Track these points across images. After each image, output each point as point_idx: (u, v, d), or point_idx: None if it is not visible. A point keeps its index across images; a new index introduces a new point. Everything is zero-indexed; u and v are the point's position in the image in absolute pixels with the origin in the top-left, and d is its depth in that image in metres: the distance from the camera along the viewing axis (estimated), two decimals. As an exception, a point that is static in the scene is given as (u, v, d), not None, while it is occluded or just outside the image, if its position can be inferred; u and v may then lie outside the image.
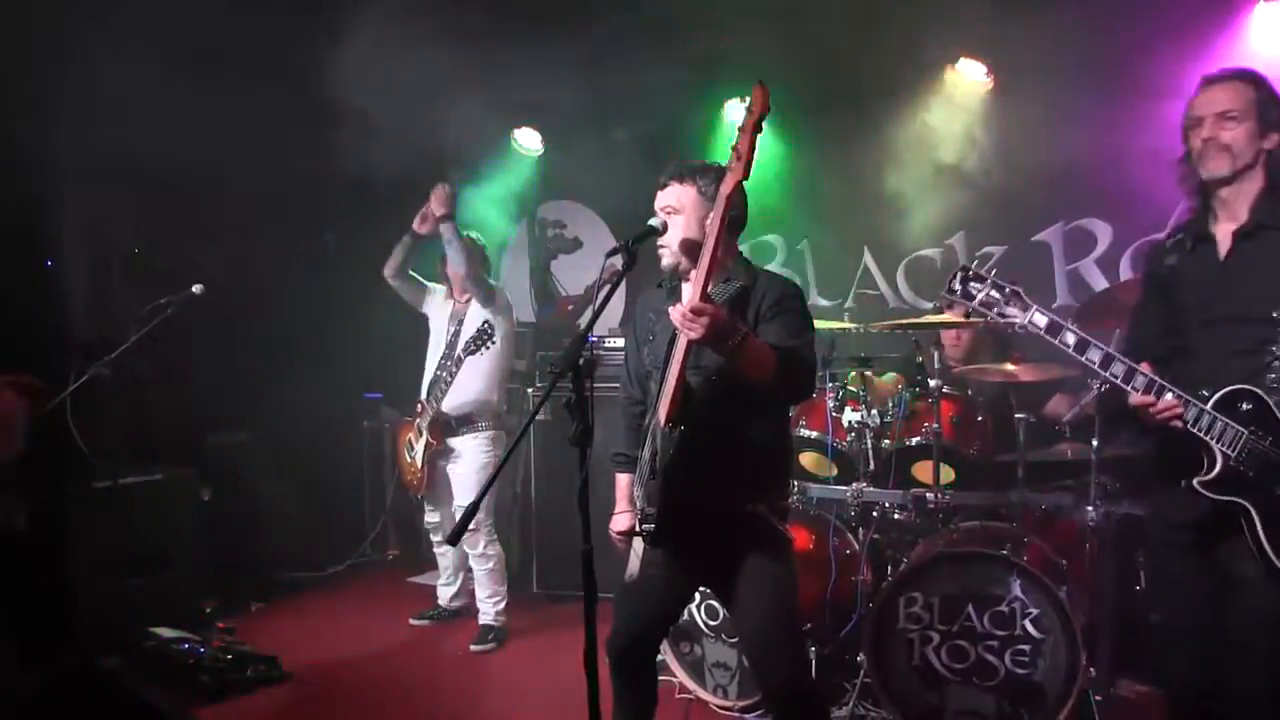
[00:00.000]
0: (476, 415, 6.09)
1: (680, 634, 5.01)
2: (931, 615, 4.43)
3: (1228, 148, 3.24)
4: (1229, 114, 3.24)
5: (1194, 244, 3.36)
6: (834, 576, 4.88)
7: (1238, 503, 3.15)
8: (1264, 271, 3.19)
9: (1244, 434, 3.12)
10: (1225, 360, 3.21)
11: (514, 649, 6.06)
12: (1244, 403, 3.14)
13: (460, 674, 5.67)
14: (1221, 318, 3.25)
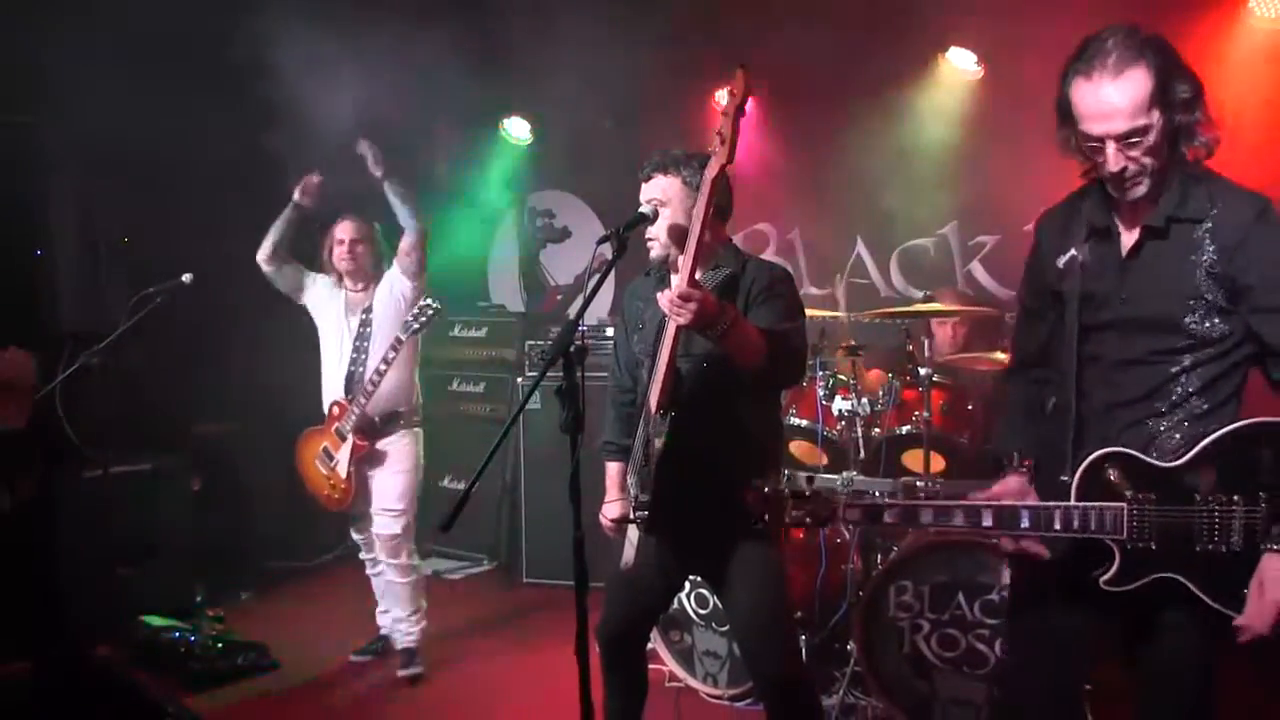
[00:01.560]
0: (402, 411, 5.43)
1: (670, 622, 5.02)
2: (922, 604, 4.44)
3: (1141, 172, 2.64)
4: (1133, 134, 2.59)
5: (1089, 235, 2.84)
6: (824, 565, 4.89)
7: (1165, 579, 2.62)
8: (1172, 271, 2.66)
9: (1123, 510, 2.63)
10: (1119, 373, 2.74)
11: (504, 638, 6.06)
12: (1111, 470, 2.66)
13: (451, 662, 5.67)
14: (1121, 322, 2.75)
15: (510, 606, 6.59)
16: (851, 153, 6.73)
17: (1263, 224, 2.59)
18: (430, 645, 5.67)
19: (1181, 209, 2.66)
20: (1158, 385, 2.69)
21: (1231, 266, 2.59)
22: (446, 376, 7.92)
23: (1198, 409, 2.67)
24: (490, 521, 7.32)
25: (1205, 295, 2.61)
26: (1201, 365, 2.66)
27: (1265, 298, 2.57)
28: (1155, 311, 2.68)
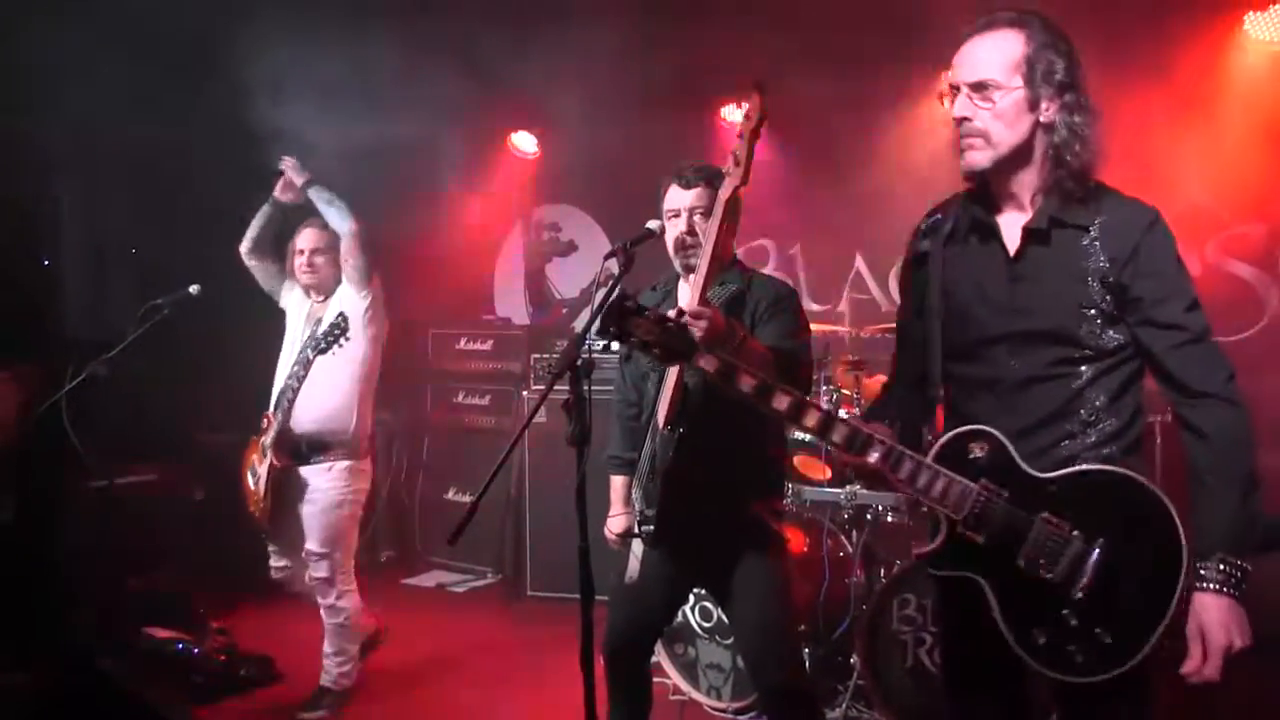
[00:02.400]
0: (330, 439, 4.95)
1: (674, 635, 5.03)
2: (925, 617, 4.46)
3: (983, 134, 2.55)
4: (986, 85, 2.53)
5: (969, 232, 2.70)
6: (827, 579, 4.90)
7: (968, 578, 2.55)
8: (1063, 279, 2.54)
9: (972, 489, 2.53)
10: (1018, 394, 2.59)
11: (509, 651, 6.07)
12: (977, 448, 2.57)
13: (454, 674, 5.68)
14: (1014, 335, 2.59)
15: (514, 619, 6.60)
16: (851, 168, 6.77)
17: (1153, 234, 2.50)
18: (434, 657, 5.68)
19: (1064, 213, 2.55)
20: (1064, 403, 2.55)
21: (1123, 275, 2.49)
22: (452, 389, 7.95)
23: (1110, 427, 2.54)
24: (495, 534, 7.32)
25: (1100, 304, 2.50)
26: (1103, 376, 2.54)
27: (1153, 310, 2.48)
28: (1049, 323, 2.54)
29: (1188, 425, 2.49)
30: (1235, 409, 2.44)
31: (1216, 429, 2.44)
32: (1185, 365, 2.48)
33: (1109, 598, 2.43)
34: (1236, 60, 5.75)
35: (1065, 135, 2.52)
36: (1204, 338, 2.48)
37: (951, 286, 2.71)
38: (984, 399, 2.64)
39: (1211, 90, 5.72)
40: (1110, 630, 2.41)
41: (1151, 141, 5.30)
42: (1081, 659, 2.42)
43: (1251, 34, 5.68)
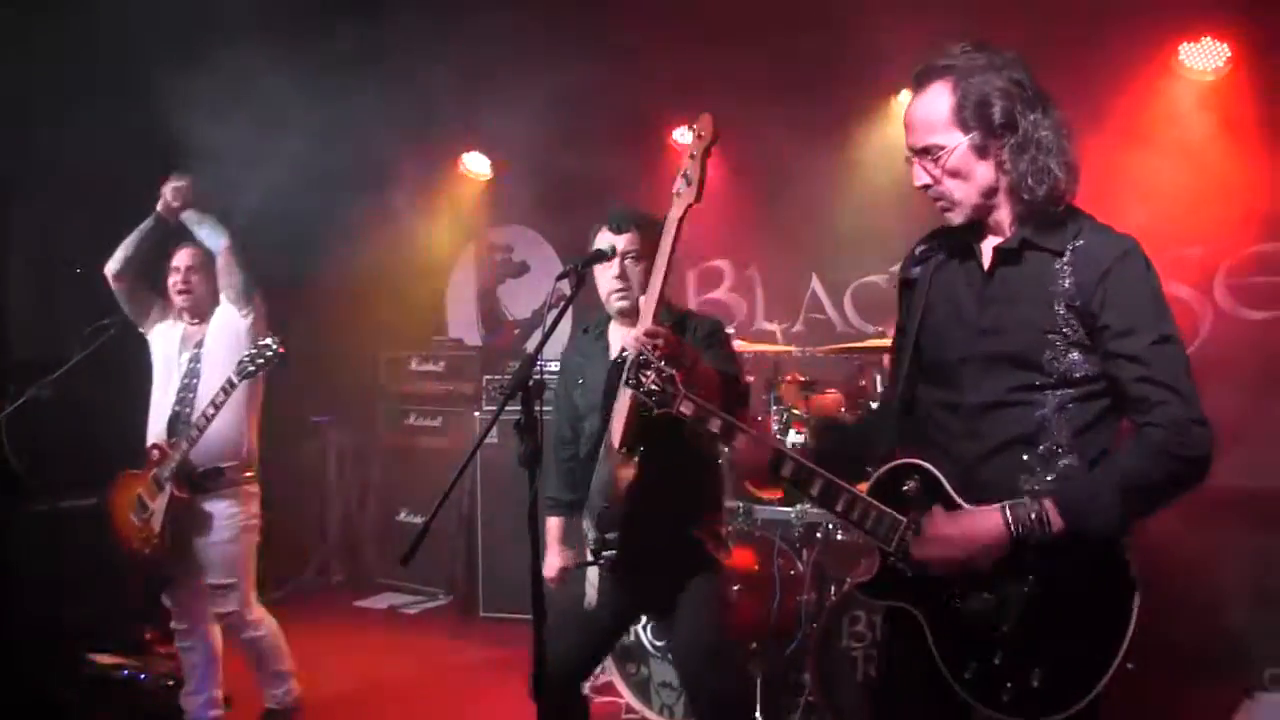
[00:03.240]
0: (227, 466, 4.73)
1: (626, 654, 5.04)
2: (875, 633, 4.48)
3: (946, 196, 2.57)
4: (929, 150, 2.54)
5: (951, 256, 2.71)
6: (778, 597, 4.91)
7: (903, 609, 2.59)
8: (1029, 300, 2.52)
9: (901, 522, 2.56)
10: (980, 418, 2.56)
11: (461, 673, 6.05)
12: (911, 481, 2.58)
13: (406, 696, 5.65)
14: (980, 356, 2.57)
15: (467, 640, 6.57)
16: (807, 190, 6.83)
17: (1125, 263, 2.44)
18: (386, 679, 5.64)
19: (1039, 237, 2.51)
20: (1025, 432, 2.50)
21: (1092, 303, 2.43)
22: (404, 411, 7.92)
23: (1070, 467, 2.47)
24: (447, 555, 7.29)
25: (1064, 329, 2.46)
26: (1069, 407, 2.47)
27: (1118, 341, 2.42)
28: (1013, 346, 2.51)
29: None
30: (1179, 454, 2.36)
31: (1148, 441, 2.38)
32: (1140, 400, 2.41)
33: (1040, 639, 2.41)
34: (1172, 89, 5.86)
35: (1018, 174, 2.49)
36: (1168, 377, 2.38)
37: (931, 308, 2.71)
38: (949, 422, 2.63)
39: (1149, 118, 5.85)
40: (1042, 673, 2.39)
41: (1092, 167, 5.39)
42: (1008, 698, 2.42)
43: (1185, 64, 5.79)
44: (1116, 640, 2.36)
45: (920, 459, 2.60)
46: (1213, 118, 5.77)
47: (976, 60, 2.51)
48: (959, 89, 2.49)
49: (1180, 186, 5.70)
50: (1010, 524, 2.39)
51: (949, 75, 2.52)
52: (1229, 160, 5.66)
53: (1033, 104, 2.50)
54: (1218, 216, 5.68)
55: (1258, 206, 5.58)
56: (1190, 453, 2.36)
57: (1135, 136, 5.79)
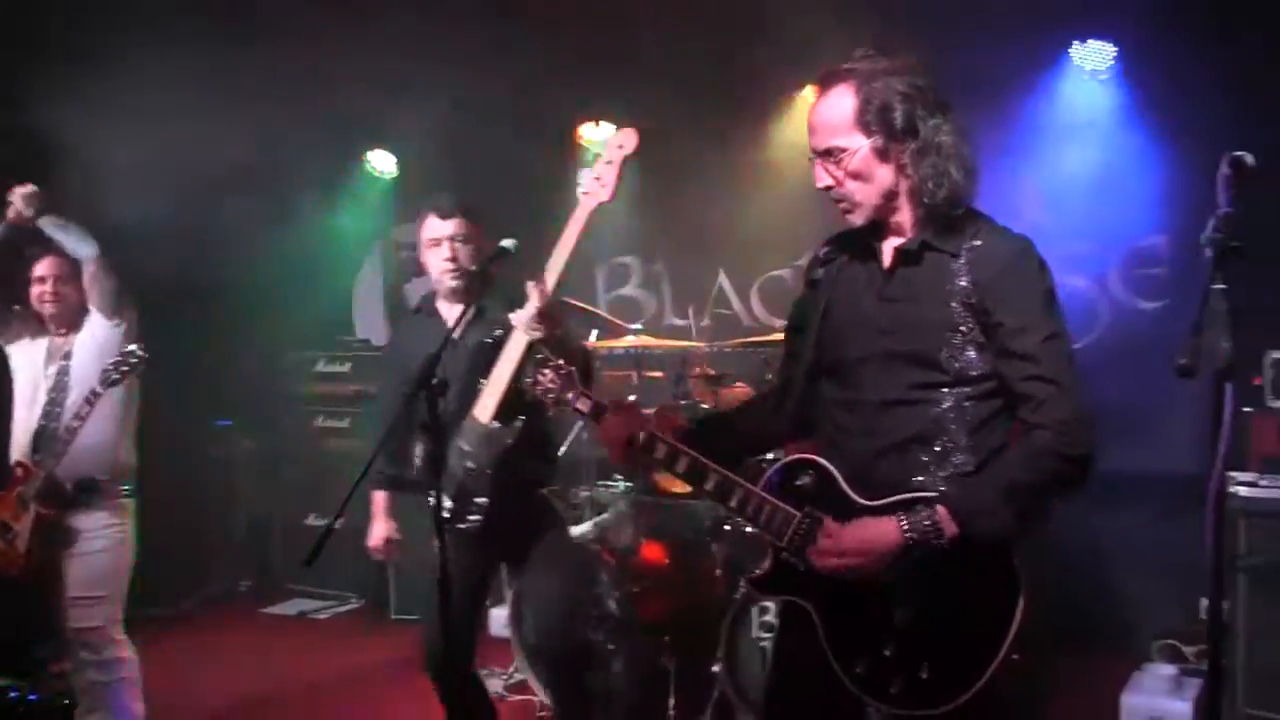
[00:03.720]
0: (100, 479, 4.50)
1: (539, 651, 5.03)
2: (784, 624, 4.54)
3: (847, 198, 2.60)
4: (831, 152, 2.57)
5: (854, 256, 2.74)
6: (689, 590, 4.96)
7: (796, 603, 2.63)
8: (927, 300, 2.56)
9: (795, 517, 2.60)
10: (878, 415, 2.59)
11: (373, 676, 6.00)
12: (805, 476, 2.64)
13: (317, 702, 5.60)
14: (879, 355, 2.61)
15: (378, 643, 6.53)
16: (714, 186, 6.90)
17: (1019, 263, 2.51)
18: (296, 686, 5.59)
19: (938, 239, 2.56)
20: (921, 429, 2.54)
21: (986, 301, 2.48)
22: (311, 412, 7.82)
23: (964, 465, 2.52)
24: (357, 558, 7.22)
25: (960, 327, 2.50)
26: (965, 405, 2.52)
27: (1010, 339, 2.47)
28: (911, 345, 2.55)
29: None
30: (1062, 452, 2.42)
31: (1034, 443, 2.43)
32: (1027, 398, 2.46)
33: (928, 633, 2.45)
34: (1064, 88, 6.01)
35: (919, 178, 2.53)
36: (1055, 374, 2.44)
37: (832, 307, 2.74)
38: (846, 419, 2.67)
39: (1043, 117, 5.99)
40: (930, 668, 2.43)
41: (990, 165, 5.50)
42: (896, 691, 2.46)
43: (1077, 63, 5.94)
44: (1002, 633, 2.39)
45: (816, 454, 2.65)
46: (1103, 116, 5.93)
47: (879, 64, 2.55)
48: (861, 92, 2.52)
49: (1074, 183, 5.86)
50: (905, 531, 2.43)
51: (852, 79, 2.55)
52: (1120, 157, 5.81)
53: (934, 109, 2.54)
54: (1111, 211, 5.83)
55: (1148, 201, 5.72)
56: (1074, 451, 2.42)
57: (1031, 135, 5.94)
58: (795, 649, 2.69)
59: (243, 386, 7.87)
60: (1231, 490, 4.70)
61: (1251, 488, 4.71)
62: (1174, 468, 4.61)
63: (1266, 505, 4.67)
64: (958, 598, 2.45)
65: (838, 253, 2.80)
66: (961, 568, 2.43)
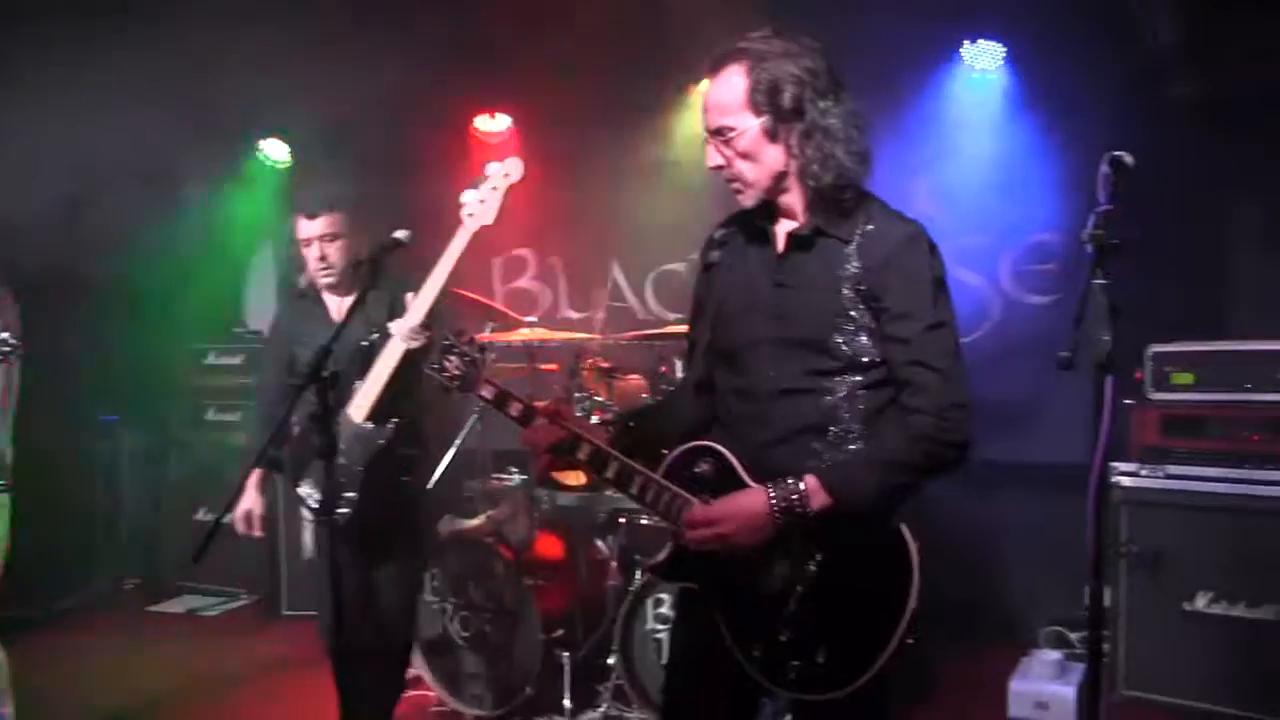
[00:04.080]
0: None
1: (435, 647, 5.02)
2: (680, 615, 4.56)
3: (738, 177, 2.61)
4: (722, 131, 2.58)
5: (748, 241, 2.74)
6: (584, 582, 4.98)
7: (694, 589, 2.68)
8: (819, 285, 2.57)
9: (690, 503, 2.62)
10: (771, 404, 2.60)
11: (265, 673, 5.91)
12: (703, 463, 2.65)
13: (207, 700, 5.50)
14: (772, 341, 2.62)
15: (271, 640, 6.43)
16: (609, 178, 6.91)
17: (909, 248, 2.53)
18: (186, 685, 5.49)
19: (829, 224, 2.58)
20: (815, 418, 2.56)
21: (875, 285, 2.51)
22: (201, 405, 7.66)
23: (859, 454, 2.55)
24: (248, 553, 7.11)
25: (851, 313, 2.52)
26: (857, 395, 2.54)
27: (893, 324, 2.50)
28: (804, 331, 2.57)
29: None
30: (938, 438, 2.45)
31: (911, 426, 2.46)
32: (908, 383, 2.49)
33: (825, 618, 2.48)
34: (955, 86, 6.15)
35: (804, 160, 2.54)
36: (936, 361, 2.47)
37: (726, 292, 2.74)
38: (741, 408, 2.67)
39: (937, 114, 6.12)
40: (827, 651, 2.46)
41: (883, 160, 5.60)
42: (795, 676, 2.49)
43: (967, 61, 6.08)
44: (897, 618, 2.42)
45: (714, 441, 2.66)
46: (994, 114, 6.06)
47: (773, 46, 2.55)
48: (753, 72, 2.52)
49: (966, 179, 5.99)
50: (771, 498, 2.46)
51: (745, 58, 2.55)
52: (1011, 154, 5.96)
53: (824, 92, 2.54)
54: (1002, 208, 5.97)
55: (1039, 198, 5.85)
56: (950, 437, 2.46)
57: (922, 132, 6.04)
58: (694, 635, 2.71)
59: (130, 380, 7.67)
60: (1114, 480, 4.86)
61: (1133, 477, 4.86)
62: (1063, 458, 4.73)
63: (1147, 494, 4.83)
64: (853, 583, 2.47)
65: (732, 235, 2.80)
66: (856, 553, 2.47)
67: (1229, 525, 4.63)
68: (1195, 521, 4.72)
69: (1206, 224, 5.66)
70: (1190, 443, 4.82)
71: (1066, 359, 2.38)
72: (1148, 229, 4.64)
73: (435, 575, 5.04)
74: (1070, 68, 5.64)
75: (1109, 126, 5.30)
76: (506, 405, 2.86)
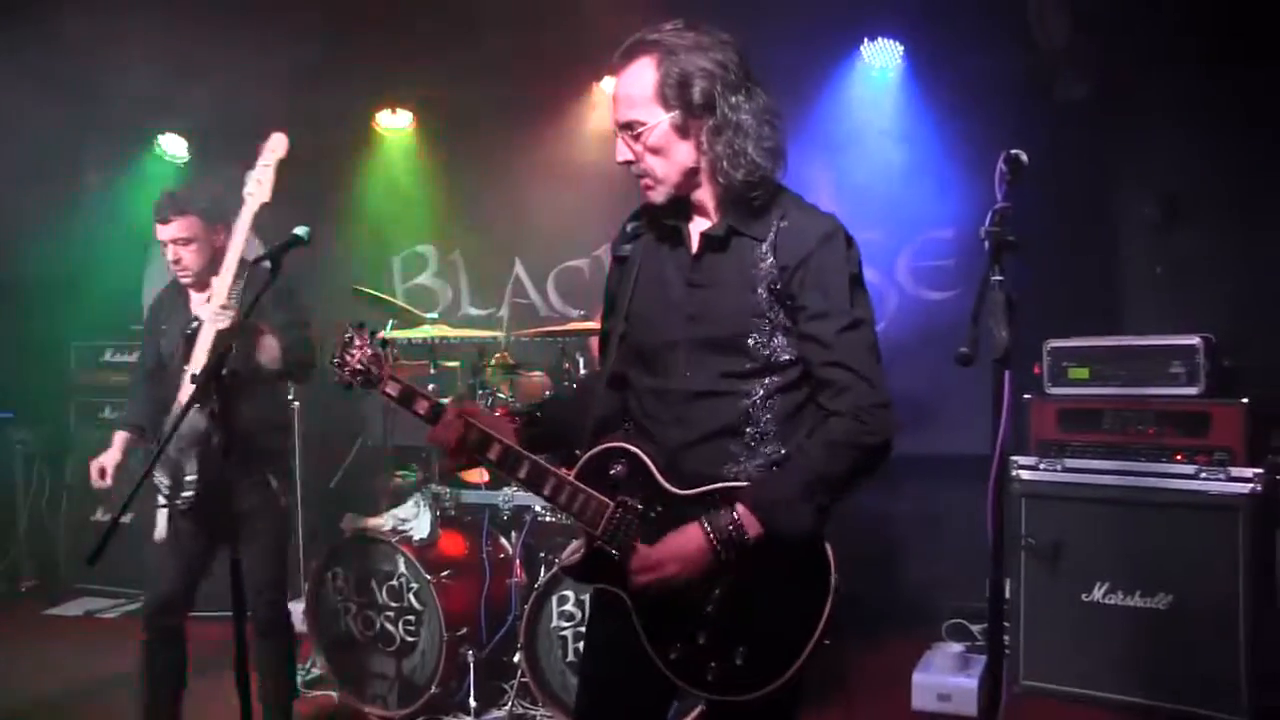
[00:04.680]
0: None
1: (338, 646, 4.98)
2: (583, 612, 4.57)
3: (648, 173, 2.55)
4: (632, 125, 2.52)
5: (661, 238, 2.68)
6: (488, 580, 4.98)
7: (609, 590, 2.59)
8: (734, 285, 2.53)
9: (608, 505, 2.57)
10: (688, 405, 2.56)
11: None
12: (618, 464, 2.59)
13: (107, 706, 5.39)
14: (688, 342, 2.57)
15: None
16: (510, 175, 6.93)
17: (826, 246, 2.48)
18: (83, 687, 5.38)
19: (744, 224, 2.53)
20: (732, 420, 2.52)
21: (791, 284, 2.47)
22: (98, 404, 7.50)
23: (776, 454, 2.52)
24: (146, 554, 6.98)
25: (768, 314, 2.48)
26: (773, 397, 2.51)
27: (810, 324, 2.46)
28: (720, 331, 2.52)
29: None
30: (859, 442, 2.41)
31: (831, 433, 2.43)
32: (827, 384, 2.45)
33: (742, 620, 2.45)
34: (855, 83, 6.27)
35: (714, 156, 2.48)
36: (854, 361, 2.43)
37: (640, 290, 2.69)
38: (657, 408, 2.62)
39: (836, 111, 6.23)
40: (745, 653, 2.43)
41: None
42: (712, 677, 2.45)
43: (866, 60, 6.20)
44: (815, 619, 2.40)
45: (629, 442, 2.62)
46: (892, 111, 6.18)
47: (685, 38, 2.48)
48: (663, 65, 2.46)
49: (864, 175, 6.07)
50: (710, 535, 2.40)
51: (655, 51, 2.48)
52: (909, 151, 6.08)
53: (736, 87, 2.49)
54: (899, 204, 6.07)
55: (933, 196, 5.96)
56: (872, 439, 2.42)
57: (822, 128, 6.13)
58: (609, 635, 2.66)
59: (25, 377, 7.50)
60: (1013, 473, 4.96)
61: (1032, 470, 4.97)
62: (963, 450, 4.82)
63: (1045, 487, 4.95)
64: (771, 585, 2.44)
65: (644, 228, 2.74)
66: (773, 555, 2.41)
67: (1123, 517, 4.76)
68: (1091, 513, 4.85)
69: (1101, 221, 5.81)
70: (1086, 436, 4.95)
71: (966, 355, 2.41)
72: (1045, 225, 4.80)
73: (337, 574, 5.00)
74: (967, 67, 5.75)
75: (1004, 125, 5.42)
76: (413, 403, 2.82)
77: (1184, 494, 4.63)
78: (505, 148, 6.91)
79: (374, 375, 2.86)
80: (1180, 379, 4.75)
